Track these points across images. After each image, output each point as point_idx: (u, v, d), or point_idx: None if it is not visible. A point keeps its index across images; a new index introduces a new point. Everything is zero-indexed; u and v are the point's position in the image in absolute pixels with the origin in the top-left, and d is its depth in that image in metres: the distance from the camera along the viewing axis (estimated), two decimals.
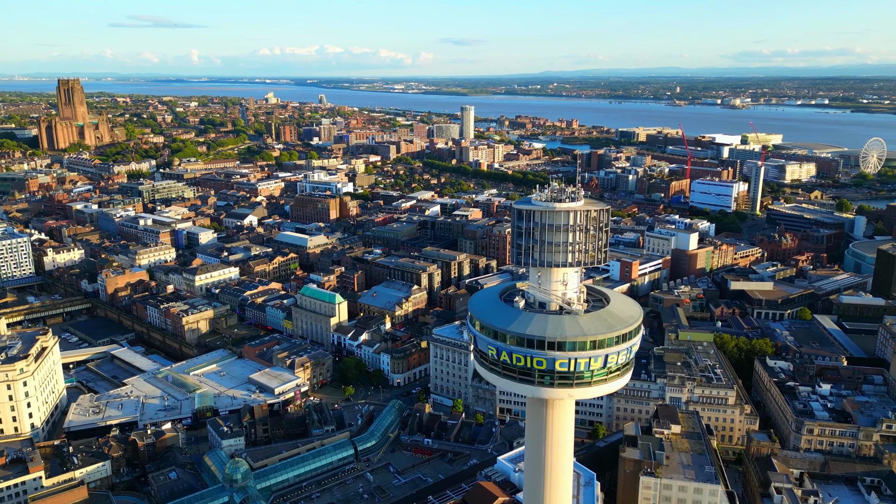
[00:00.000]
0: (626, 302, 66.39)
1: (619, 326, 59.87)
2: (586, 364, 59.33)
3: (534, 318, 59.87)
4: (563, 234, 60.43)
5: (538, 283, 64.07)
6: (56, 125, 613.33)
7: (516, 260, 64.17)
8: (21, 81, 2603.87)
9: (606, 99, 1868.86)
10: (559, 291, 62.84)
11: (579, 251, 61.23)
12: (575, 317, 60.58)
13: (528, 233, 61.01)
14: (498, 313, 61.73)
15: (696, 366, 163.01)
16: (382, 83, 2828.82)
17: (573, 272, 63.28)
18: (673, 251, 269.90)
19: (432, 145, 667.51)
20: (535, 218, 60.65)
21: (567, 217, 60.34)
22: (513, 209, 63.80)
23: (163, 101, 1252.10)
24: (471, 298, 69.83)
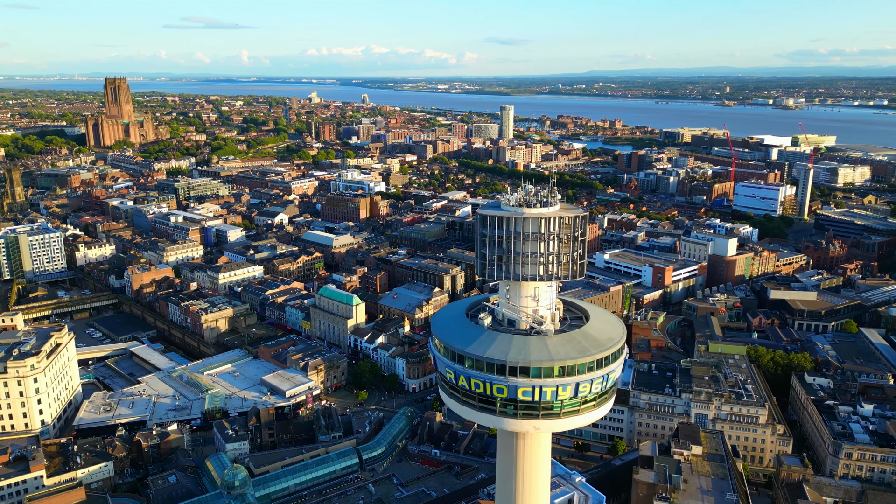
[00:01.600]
0: (608, 322, 59.16)
1: (594, 351, 52.84)
2: (553, 393, 52.47)
3: (496, 339, 53.39)
4: (534, 243, 53.83)
5: (507, 297, 57.53)
6: (102, 123, 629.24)
7: (481, 272, 57.76)
8: (80, 81, 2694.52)
9: (652, 99, 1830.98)
10: (529, 308, 56.16)
11: (552, 263, 54.46)
12: (543, 338, 53.80)
13: (493, 241, 54.59)
14: (459, 331, 55.50)
15: (726, 381, 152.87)
16: (426, 83, 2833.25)
17: (546, 287, 56.52)
18: (710, 257, 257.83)
19: (469, 145, 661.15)
20: (502, 225, 54.20)
21: (538, 224, 53.70)
22: (477, 215, 57.44)
23: (209, 100, 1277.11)
24: (436, 313, 63.64)
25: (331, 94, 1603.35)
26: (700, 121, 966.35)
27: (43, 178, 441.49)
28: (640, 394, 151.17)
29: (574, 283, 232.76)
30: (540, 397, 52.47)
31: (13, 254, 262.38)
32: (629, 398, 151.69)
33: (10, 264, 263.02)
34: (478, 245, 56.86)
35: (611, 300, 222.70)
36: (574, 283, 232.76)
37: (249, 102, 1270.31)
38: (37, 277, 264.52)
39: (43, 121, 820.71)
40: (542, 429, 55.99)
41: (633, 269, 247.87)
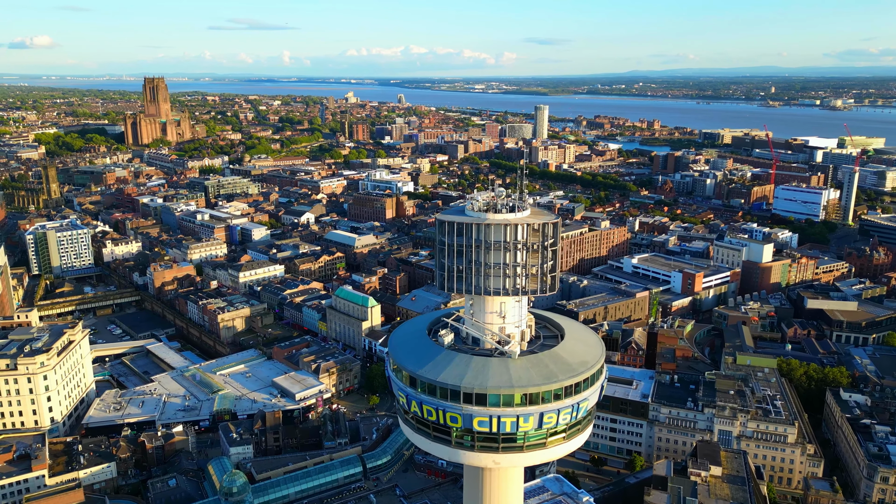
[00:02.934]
0: (584, 341, 53.14)
1: (562, 376, 46.99)
2: (513, 424, 46.71)
3: (453, 360, 47.95)
4: (499, 253, 48.30)
5: (471, 313, 52.10)
6: (140, 121, 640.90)
7: (440, 285, 52.42)
8: (128, 81, 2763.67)
9: (693, 99, 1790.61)
10: (494, 326, 50.58)
11: (521, 275, 48.84)
12: (506, 360, 48.17)
13: (453, 251, 49.19)
14: (414, 350, 50.29)
15: (753, 395, 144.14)
16: (463, 83, 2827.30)
17: (513, 302, 50.86)
18: (744, 263, 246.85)
19: (501, 145, 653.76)
20: (464, 232, 48.77)
21: (503, 232, 48.15)
22: (436, 221, 52.10)
23: (248, 99, 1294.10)
24: (398, 327, 58.47)
25: (368, 95, 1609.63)
26: (742, 122, 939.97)
27: (79, 175, 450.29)
28: (661, 407, 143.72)
29: (598, 289, 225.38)
30: (498, 428, 46.81)
31: (42, 250, 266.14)
32: (648, 411, 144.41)
33: (39, 260, 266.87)
34: (437, 254, 51.51)
35: (636, 307, 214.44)
36: (598, 289, 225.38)
37: (287, 102, 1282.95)
38: (64, 273, 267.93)
39: (86, 119, 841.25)
40: (502, 463, 50.14)
41: (662, 275, 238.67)
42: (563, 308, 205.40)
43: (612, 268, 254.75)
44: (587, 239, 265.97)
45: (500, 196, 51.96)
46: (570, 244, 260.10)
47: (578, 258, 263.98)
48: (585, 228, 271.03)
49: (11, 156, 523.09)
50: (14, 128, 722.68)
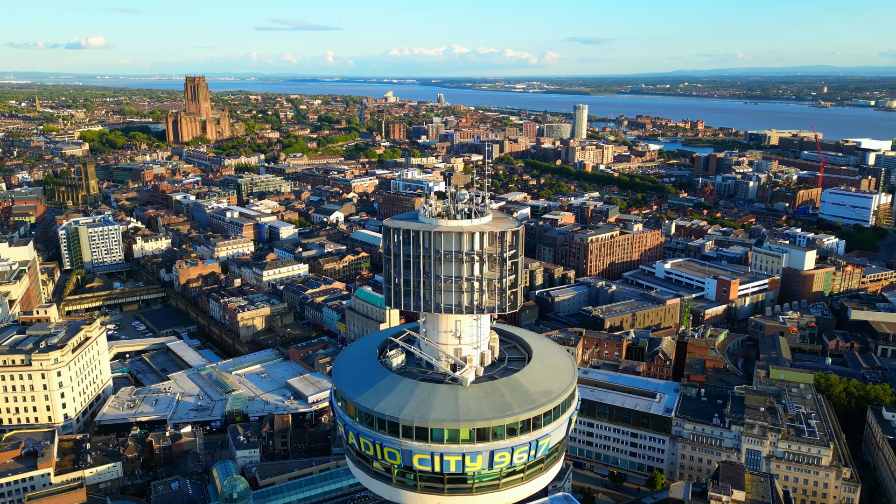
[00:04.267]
0: (554, 366, 47.18)
1: (519, 409, 41.09)
2: (458, 463, 40.89)
3: (395, 388, 42.56)
4: (455, 265, 42.78)
5: (424, 332, 46.69)
6: (181, 120, 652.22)
7: (387, 299, 47.17)
8: (177, 80, 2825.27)
9: (741, 99, 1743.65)
10: (449, 347, 45.02)
11: (478, 290, 43.21)
12: (456, 388, 42.50)
13: (402, 262, 43.81)
14: (359, 373, 45.05)
15: (785, 413, 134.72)
16: (504, 83, 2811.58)
17: (470, 320, 45.21)
18: (784, 270, 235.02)
19: (538, 145, 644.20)
20: (415, 241, 43.36)
21: (457, 241, 42.56)
22: (382, 227, 46.82)
23: (290, 98, 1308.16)
24: (347, 347, 53.38)
25: (408, 94, 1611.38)
26: (791, 123, 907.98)
27: (118, 172, 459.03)
28: (684, 422, 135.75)
29: (627, 294, 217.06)
30: (442, 467, 41.08)
31: (73, 245, 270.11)
32: (671, 426, 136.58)
33: (71, 255, 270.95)
34: (385, 265, 46.29)
35: (667, 314, 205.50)
36: (627, 294, 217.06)
37: (327, 101, 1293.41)
38: (95, 268, 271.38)
39: (132, 117, 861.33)
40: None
41: (696, 281, 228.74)
42: (589, 314, 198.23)
43: (644, 273, 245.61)
44: (618, 242, 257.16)
45: (462, 199, 46.58)
46: (601, 247, 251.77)
47: (609, 262, 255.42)
48: (616, 231, 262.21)
49: (56, 152, 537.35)
50: (62, 125, 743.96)
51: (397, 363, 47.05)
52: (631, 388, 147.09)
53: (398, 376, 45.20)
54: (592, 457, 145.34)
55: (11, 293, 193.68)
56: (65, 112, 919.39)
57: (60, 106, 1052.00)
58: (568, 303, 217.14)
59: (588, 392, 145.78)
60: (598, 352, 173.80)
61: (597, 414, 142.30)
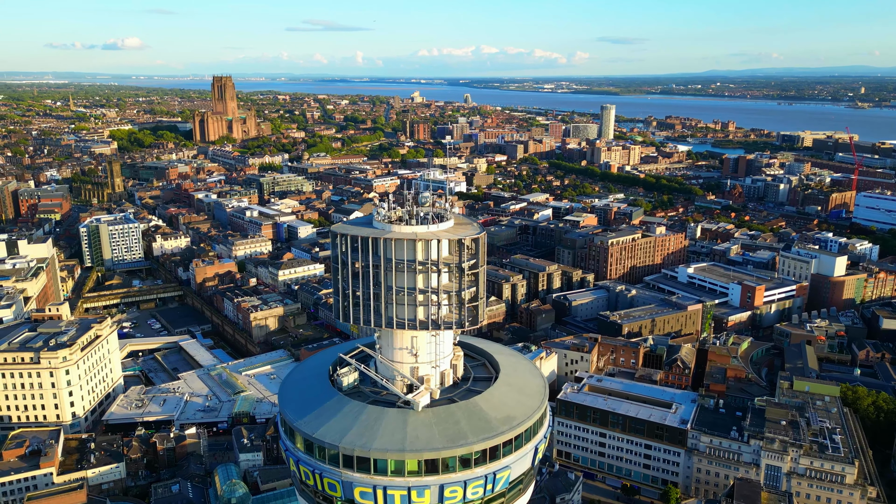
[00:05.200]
0: (522, 387, 43.04)
1: (474, 437, 37.13)
2: (404, 498, 37.10)
3: (341, 411, 38.93)
4: (409, 276, 39.10)
5: (379, 349, 43.02)
6: (208, 119, 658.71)
7: (336, 313, 43.59)
8: (209, 81, 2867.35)
9: (775, 100, 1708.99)
10: (405, 366, 41.30)
11: (436, 304, 39.41)
12: (406, 413, 38.74)
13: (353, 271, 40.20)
14: (306, 393, 41.51)
15: (808, 427, 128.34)
16: (533, 83, 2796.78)
17: (427, 336, 41.42)
18: (812, 276, 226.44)
19: (563, 145, 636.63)
20: (365, 248, 39.77)
21: (413, 249, 38.81)
22: (331, 232, 43.22)
23: (317, 98, 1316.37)
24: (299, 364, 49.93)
25: (435, 94, 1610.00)
26: (826, 124, 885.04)
27: (144, 171, 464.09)
28: (701, 435, 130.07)
29: (647, 299, 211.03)
30: (385, 502, 37.38)
31: (94, 242, 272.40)
32: (687, 439, 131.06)
33: (92, 252, 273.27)
34: (333, 275, 42.74)
35: (687, 320, 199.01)
36: (647, 299, 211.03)
37: (354, 101, 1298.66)
38: (115, 266, 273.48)
39: (161, 117, 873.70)
40: None
41: (720, 286, 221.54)
42: (606, 319, 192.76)
43: (666, 277, 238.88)
44: (640, 245, 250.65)
45: (425, 202, 42.91)
46: (621, 250, 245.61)
47: (630, 266, 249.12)
48: (638, 234, 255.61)
49: (86, 150, 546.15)
50: (93, 124, 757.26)
51: (348, 383, 43.56)
52: (646, 398, 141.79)
53: (346, 398, 41.66)
54: (605, 468, 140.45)
55: (27, 290, 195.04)
56: (97, 111, 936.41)
57: (94, 105, 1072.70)
58: (585, 307, 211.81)
59: (601, 401, 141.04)
60: (614, 359, 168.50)
61: (609, 424, 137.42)
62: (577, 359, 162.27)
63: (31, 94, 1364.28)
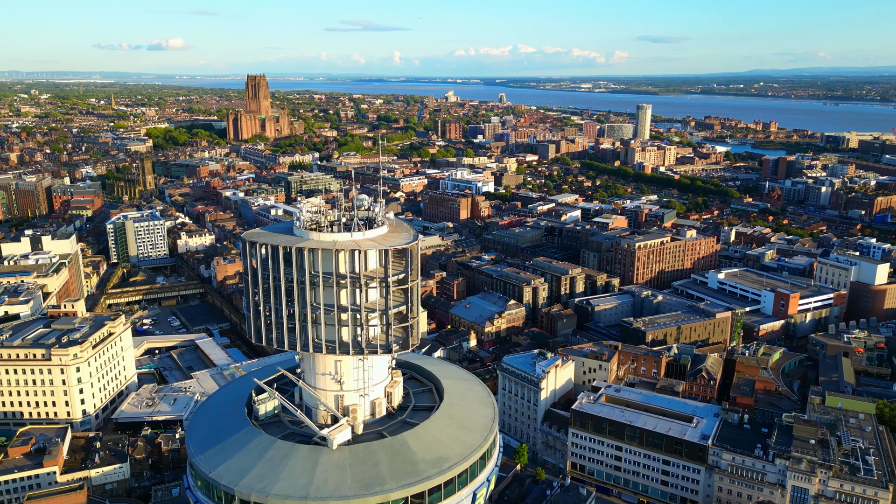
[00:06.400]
0: (464, 420, 37.97)
1: (393, 483, 32.57)
2: None
3: (247, 446, 34.47)
4: (332, 291, 34.06)
5: (302, 375, 38.20)
6: (241, 118, 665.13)
7: (248, 332, 38.97)
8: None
9: (820, 100, 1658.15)
10: (329, 394, 36.33)
11: (363, 324, 34.28)
12: (320, 452, 33.88)
13: (265, 286, 35.29)
14: (217, 422, 37.09)
15: (839, 447, 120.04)
16: (570, 82, 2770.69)
17: (354, 361, 36.25)
18: (852, 284, 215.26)
19: (596, 145, 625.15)
20: (277, 258, 34.77)
21: (334, 260, 33.70)
22: (241, 240, 38.36)
23: (352, 98, 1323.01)
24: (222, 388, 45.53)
25: (471, 94, 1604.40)
26: (874, 125, 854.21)
27: (176, 168, 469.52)
28: (723, 452, 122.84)
29: (674, 306, 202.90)
30: None
31: (120, 239, 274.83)
32: (707, 455, 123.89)
33: (118, 249, 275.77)
34: (245, 289, 38.05)
35: (716, 328, 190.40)
36: (674, 306, 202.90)
37: (389, 101, 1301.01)
38: (140, 262, 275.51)
39: (198, 115, 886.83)
40: None
41: (751, 293, 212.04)
42: (629, 326, 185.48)
43: (695, 282, 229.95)
44: (668, 249, 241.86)
45: (361, 206, 38.12)
46: (648, 254, 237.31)
47: (657, 270, 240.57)
48: (667, 238, 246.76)
49: (121, 148, 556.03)
50: (132, 122, 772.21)
51: (265, 412, 39.11)
52: (665, 410, 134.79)
53: (256, 431, 37.25)
54: (620, 483, 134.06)
55: (48, 286, 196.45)
56: (137, 110, 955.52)
57: (136, 104, 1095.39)
58: (609, 312, 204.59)
59: (618, 413, 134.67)
60: (635, 368, 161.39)
61: (626, 437, 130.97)
62: (595, 367, 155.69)
63: (77, 93, 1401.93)
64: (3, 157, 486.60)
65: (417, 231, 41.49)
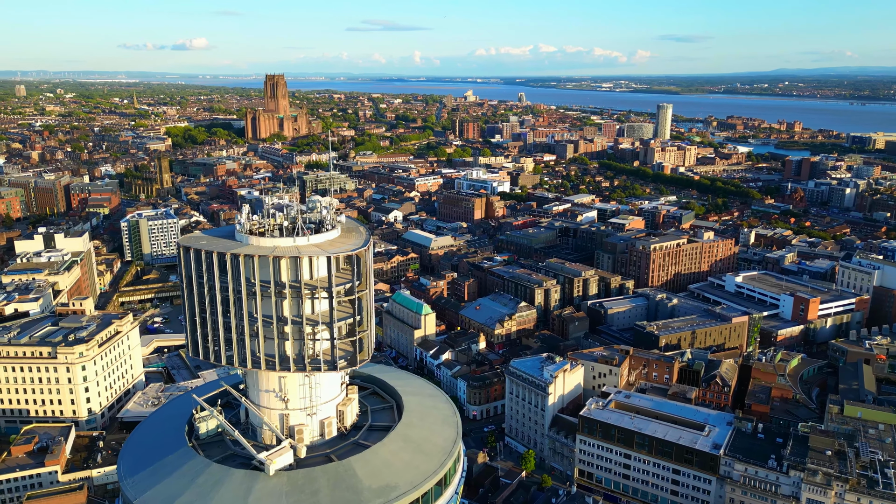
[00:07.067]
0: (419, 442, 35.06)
1: None
2: None
3: (178, 471, 31.93)
4: (274, 301, 31.60)
5: (245, 392, 35.79)
6: (259, 117, 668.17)
7: (188, 344, 36.46)
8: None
9: (847, 100, 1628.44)
10: (274, 413, 33.83)
11: (306, 338, 31.80)
12: (255, 478, 31.45)
13: (203, 295, 33.00)
14: (152, 442, 34.70)
15: (857, 459, 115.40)
16: (591, 82, 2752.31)
17: (300, 379, 33.79)
18: (875, 289, 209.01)
19: (615, 145, 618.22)
20: (209, 265, 32.41)
21: (275, 268, 31.28)
22: (177, 246, 35.90)
23: (371, 97, 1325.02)
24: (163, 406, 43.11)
25: (491, 94, 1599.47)
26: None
27: (193, 167, 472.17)
28: (735, 462, 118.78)
29: (690, 309, 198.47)
30: None
31: (134, 237, 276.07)
32: (719, 465, 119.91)
33: (132, 247, 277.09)
34: (183, 300, 35.63)
35: (732, 333, 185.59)
36: (690, 309, 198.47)
37: (407, 101, 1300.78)
38: (154, 260, 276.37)
39: (218, 114, 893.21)
40: None
41: (770, 297, 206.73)
42: (642, 330, 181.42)
43: (712, 286, 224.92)
44: (685, 251, 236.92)
45: (314, 207, 35.59)
46: (664, 256, 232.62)
47: (673, 273, 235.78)
48: (684, 239, 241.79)
49: (141, 147, 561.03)
50: (153, 121, 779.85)
51: (206, 430, 36.65)
52: (676, 418, 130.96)
53: (192, 452, 34.77)
54: (629, 492, 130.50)
55: (59, 283, 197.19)
56: (159, 109, 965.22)
57: (158, 103, 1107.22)
58: (622, 316, 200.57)
59: (627, 420, 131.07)
60: (646, 373, 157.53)
61: (634, 445, 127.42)
62: (605, 372, 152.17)
63: (101, 93, 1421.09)
64: (25, 155, 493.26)
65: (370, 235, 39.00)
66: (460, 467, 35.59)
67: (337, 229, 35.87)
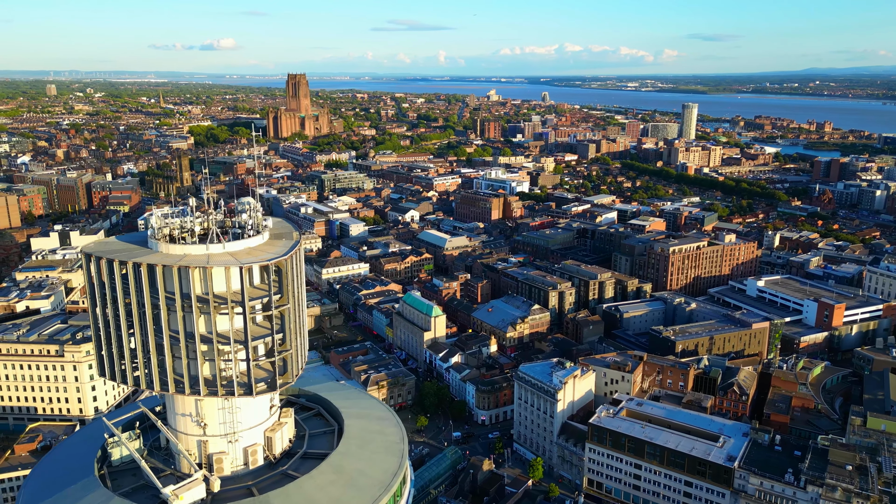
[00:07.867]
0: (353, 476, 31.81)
1: None
2: None
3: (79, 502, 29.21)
4: (183, 317, 28.71)
5: (163, 414, 32.88)
6: (281, 116, 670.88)
7: (96, 367, 33.58)
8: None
9: (880, 99, 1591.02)
10: (192, 439, 30.92)
11: (221, 358, 28.77)
12: None
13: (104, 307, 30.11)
14: (59, 469, 32.01)
15: (879, 475, 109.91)
16: (616, 81, 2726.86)
17: (220, 402, 30.81)
18: None
19: (638, 145, 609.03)
20: (122, 275, 29.53)
21: (187, 279, 28.19)
22: (82, 252, 33.01)
23: (394, 97, 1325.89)
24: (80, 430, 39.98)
25: (514, 93, 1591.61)
26: None
27: (213, 165, 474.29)
28: (750, 476, 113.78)
29: (708, 314, 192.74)
30: None
31: None
32: (733, 479, 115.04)
33: None
34: (91, 314, 32.84)
35: (752, 339, 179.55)
36: (708, 314, 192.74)
37: (430, 100, 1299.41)
38: None
39: (242, 113, 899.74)
40: None
41: (793, 302, 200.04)
42: (658, 335, 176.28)
43: (733, 290, 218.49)
44: (705, 254, 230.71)
45: (244, 209, 32.56)
46: (683, 259, 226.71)
47: (693, 276, 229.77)
48: (705, 242, 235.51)
49: (164, 145, 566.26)
50: (177, 120, 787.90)
51: (119, 457, 33.88)
52: (689, 427, 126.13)
53: (95, 483, 31.98)
54: (639, 503, 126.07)
55: (72, 281, 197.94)
56: (184, 108, 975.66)
57: (183, 103, 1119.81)
58: (638, 320, 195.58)
59: (638, 428, 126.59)
60: (661, 380, 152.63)
61: (645, 455, 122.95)
62: (617, 378, 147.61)
63: (130, 92, 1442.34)
64: (51, 153, 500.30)
65: (300, 240, 35.90)
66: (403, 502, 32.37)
67: (262, 235, 32.99)
